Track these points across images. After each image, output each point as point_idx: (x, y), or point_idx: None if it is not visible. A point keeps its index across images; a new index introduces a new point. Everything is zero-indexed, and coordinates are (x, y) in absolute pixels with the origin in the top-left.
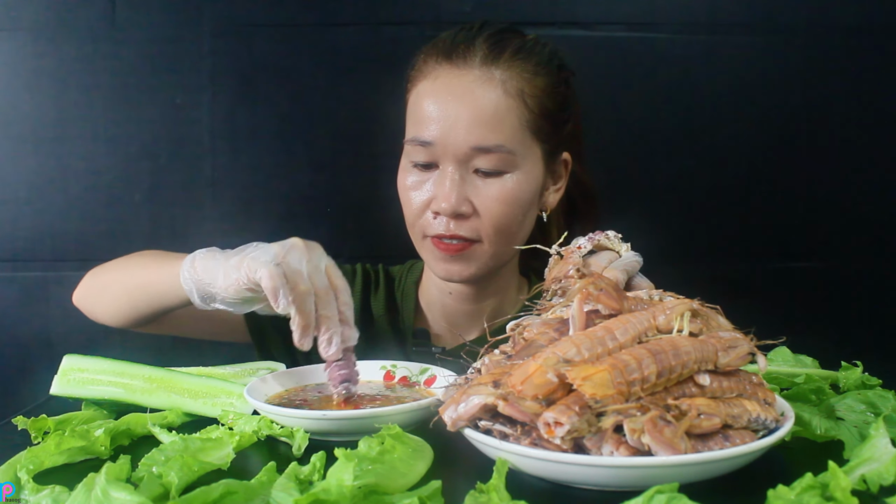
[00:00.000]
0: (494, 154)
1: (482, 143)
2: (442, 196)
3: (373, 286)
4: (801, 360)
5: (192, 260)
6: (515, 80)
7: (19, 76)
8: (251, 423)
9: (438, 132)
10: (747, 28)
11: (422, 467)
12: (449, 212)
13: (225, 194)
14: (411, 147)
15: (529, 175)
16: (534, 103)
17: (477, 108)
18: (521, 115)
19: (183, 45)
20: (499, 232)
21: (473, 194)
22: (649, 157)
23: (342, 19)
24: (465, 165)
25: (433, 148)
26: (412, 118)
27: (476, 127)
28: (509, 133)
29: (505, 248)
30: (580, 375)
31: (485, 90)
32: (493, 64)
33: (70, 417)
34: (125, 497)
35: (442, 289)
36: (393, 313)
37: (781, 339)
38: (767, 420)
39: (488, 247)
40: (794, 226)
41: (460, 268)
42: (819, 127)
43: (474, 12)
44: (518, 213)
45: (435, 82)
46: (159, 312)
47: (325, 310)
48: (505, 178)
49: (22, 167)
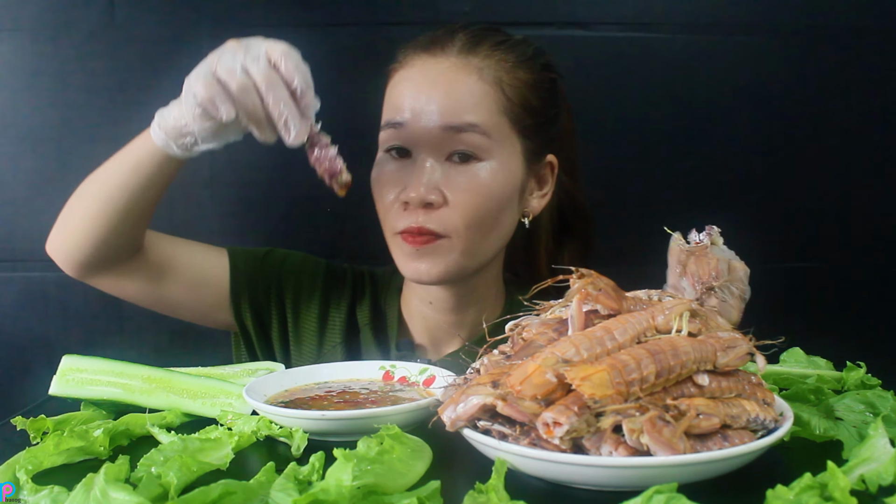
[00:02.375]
0: (467, 134)
1: (455, 121)
2: (411, 185)
3: (359, 294)
4: (814, 362)
5: (158, 115)
6: (493, 68)
7: (19, 76)
8: (250, 423)
9: (410, 113)
10: (747, 28)
11: (421, 467)
12: (418, 201)
13: (224, 194)
14: (385, 133)
15: (506, 167)
16: (513, 93)
17: (451, 89)
18: (498, 100)
19: (182, 45)
20: (469, 226)
21: (445, 184)
22: (648, 157)
23: (342, 19)
24: (437, 151)
25: (405, 129)
26: (387, 106)
27: (448, 106)
28: (484, 115)
29: (478, 247)
30: (579, 375)
31: (459, 75)
32: (471, 53)
33: (69, 418)
34: (124, 497)
35: (423, 298)
36: (377, 322)
37: (780, 339)
38: (766, 420)
39: (457, 242)
40: (794, 226)
41: (428, 266)
42: (819, 127)
43: (474, 12)
44: (492, 206)
45: (411, 70)
46: (139, 199)
47: (269, 97)
48: (478, 167)
49: (22, 167)
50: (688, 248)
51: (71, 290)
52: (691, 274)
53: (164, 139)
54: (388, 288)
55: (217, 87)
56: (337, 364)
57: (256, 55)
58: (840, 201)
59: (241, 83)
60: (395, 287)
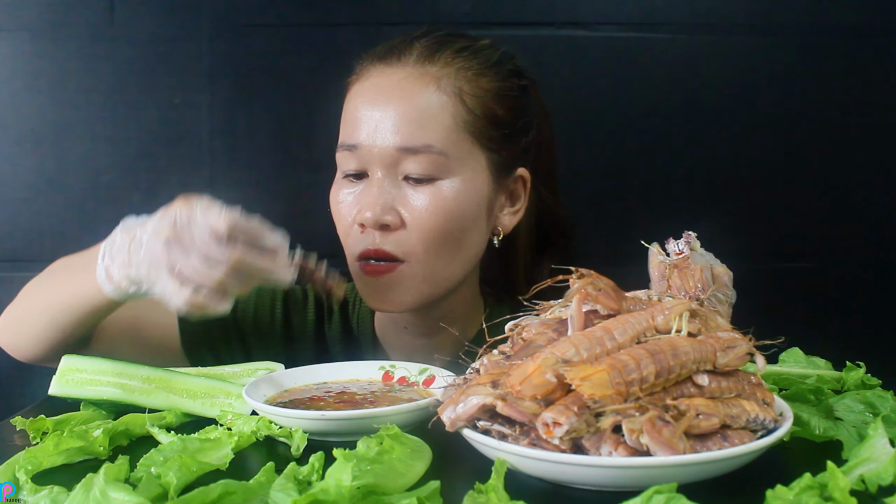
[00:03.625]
0: (423, 155)
1: (408, 143)
2: (366, 204)
3: (326, 314)
4: (813, 362)
5: (105, 259)
6: (453, 77)
7: (19, 76)
8: (250, 423)
9: (364, 134)
10: (747, 28)
11: (420, 467)
12: (372, 222)
13: (224, 194)
14: (340, 155)
15: (469, 184)
16: (475, 104)
17: (403, 106)
18: (457, 114)
19: (182, 45)
20: (429, 249)
21: (402, 204)
22: (648, 157)
23: (341, 19)
24: (393, 171)
25: (359, 152)
26: (343, 125)
27: (402, 125)
28: (441, 133)
29: (440, 271)
30: (579, 376)
31: (414, 86)
32: (429, 61)
33: (68, 418)
34: (124, 497)
35: (397, 322)
36: (350, 344)
37: (780, 339)
38: (766, 420)
39: (416, 268)
40: (794, 226)
41: (392, 296)
42: (819, 127)
43: (473, 12)
44: (454, 227)
45: (365, 83)
46: (85, 322)
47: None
48: (438, 185)
49: (21, 167)
50: (669, 262)
51: None
52: (677, 288)
53: (114, 291)
54: (360, 307)
55: (184, 286)
56: (336, 364)
57: (207, 239)
58: (840, 201)
59: (210, 278)
60: (367, 309)
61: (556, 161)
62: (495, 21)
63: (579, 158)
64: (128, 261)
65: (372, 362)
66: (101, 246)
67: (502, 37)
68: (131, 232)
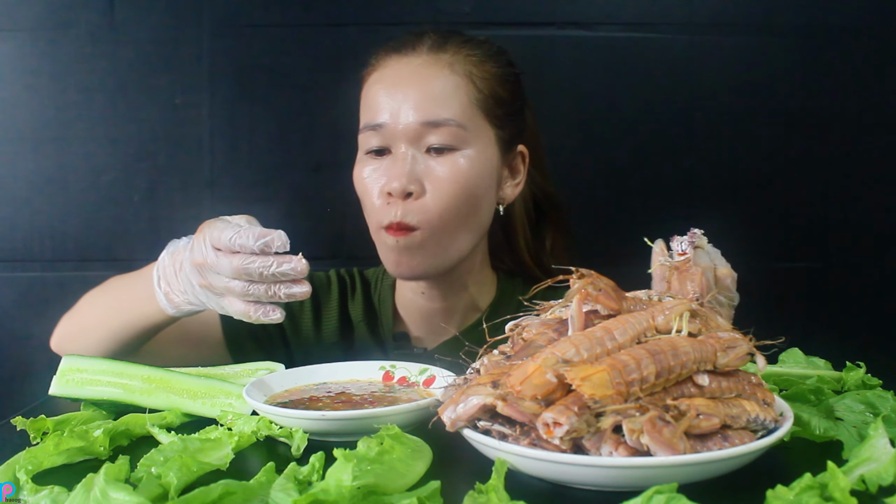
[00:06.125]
0: (444, 128)
1: (431, 117)
2: (394, 175)
3: (349, 292)
4: (812, 362)
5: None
6: (462, 62)
7: (19, 76)
8: (250, 423)
9: (389, 113)
10: (747, 28)
11: (421, 468)
12: (399, 191)
13: (224, 194)
14: (364, 136)
15: (482, 156)
16: (483, 85)
17: (425, 86)
18: (470, 93)
19: (182, 45)
20: (444, 215)
21: (425, 174)
22: (648, 157)
23: (342, 19)
24: (416, 145)
25: (384, 130)
26: (364, 109)
27: (425, 103)
28: (458, 108)
29: (452, 238)
30: (579, 376)
31: (431, 70)
32: (440, 49)
33: (69, 418)
34: (124, 497)
35: (415, 290)
36: (371, 318)
37: (780, 339)
38: (766, 420)
39: (430, 235)
40: (794, 226)
41: (408, 260)
42: (819, 127)
43: (474, 12)
44: (470, 194)
45: (384, 71)
46: (146, 336)
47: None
48: (456, 156)
49: (21, 167)
50: (671, 264)
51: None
52: (676, 292)
53: (176, 311)
54: (381, 285)
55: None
56: (337, 364)
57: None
58: (840, 201)
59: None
60: (388, 284)
61: (542, 146)
62: (495, 21)
63: (579, 158)
64: (179, 286)
65: (372, 362)
66: (153, 269)
67: (502, 37)
68: (176, 258)
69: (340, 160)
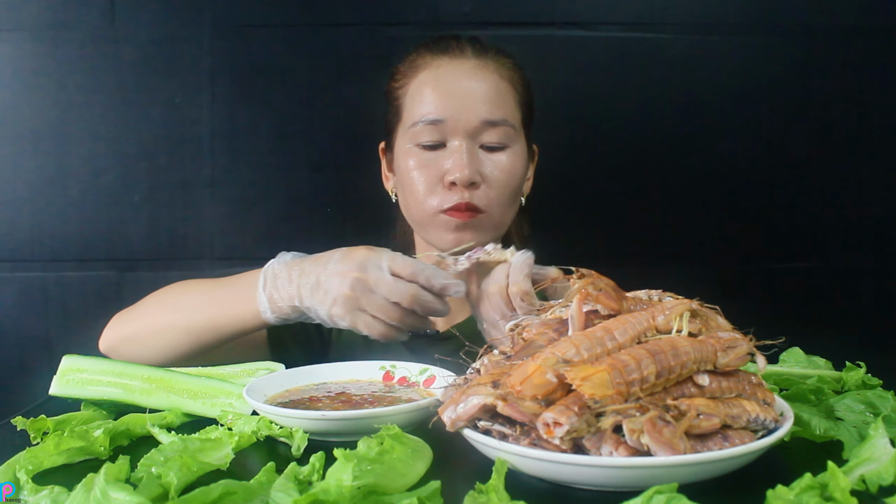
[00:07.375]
0: (500, 128)
1: (491, 116)
2: (457, 167)
3: None
4: (813, 362)
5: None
6: (504, 69)
7: (19, 76)
8: (250, 423)
9: (449, 110)
10: (747, 28)
11: (421, 468)
12: (464, 181)
13: (224, 194)
14: (417, 129)
15: (522, 153)
16: (520, 90)
17: (482, 87)
18: (514, 96)
19: (182, 45)
20: (500, 203)
21: (481, 166)
22: (648, 157)
23: (341, 19)
24: (473, 140)
25: (443, 125)
26: (415, 104)
27: (484, 103)
28: (510, 111)
29: (502, 220)
30: (579, 376)
31: (484, 73)
32: (483, 55)
33: (69, 418)
34: (124, 497)
35: None
36: None
37: (780, 339)
38: (766, 420)
39: (489, 218)
40: (794, 226)
41: (469, 236)
42: (819, 127)
43: (473, 12)
44: (516, 187)
45: (437, 70)
46: (228, 340)
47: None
48: (506, 153)
49: (21, 167)
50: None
51: (71, 289)
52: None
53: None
54: None
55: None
56: (337, 364)
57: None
58: (840, 201)
59: (391, 313)
60: None
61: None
62: (495, 21)
63: (579, 158)
64: (297, 293)
65: (372, 362)
66: (256, 275)
67: (502, 37)
68: (297, 267)
69: (340, 160)
